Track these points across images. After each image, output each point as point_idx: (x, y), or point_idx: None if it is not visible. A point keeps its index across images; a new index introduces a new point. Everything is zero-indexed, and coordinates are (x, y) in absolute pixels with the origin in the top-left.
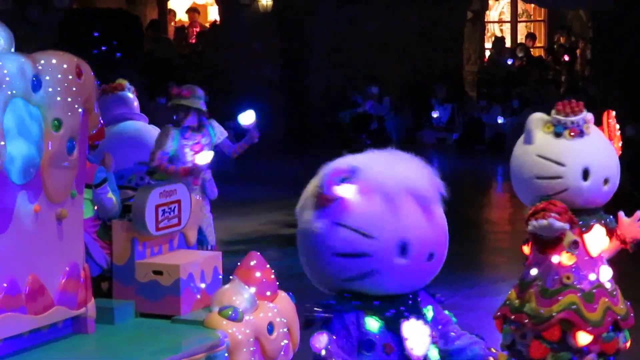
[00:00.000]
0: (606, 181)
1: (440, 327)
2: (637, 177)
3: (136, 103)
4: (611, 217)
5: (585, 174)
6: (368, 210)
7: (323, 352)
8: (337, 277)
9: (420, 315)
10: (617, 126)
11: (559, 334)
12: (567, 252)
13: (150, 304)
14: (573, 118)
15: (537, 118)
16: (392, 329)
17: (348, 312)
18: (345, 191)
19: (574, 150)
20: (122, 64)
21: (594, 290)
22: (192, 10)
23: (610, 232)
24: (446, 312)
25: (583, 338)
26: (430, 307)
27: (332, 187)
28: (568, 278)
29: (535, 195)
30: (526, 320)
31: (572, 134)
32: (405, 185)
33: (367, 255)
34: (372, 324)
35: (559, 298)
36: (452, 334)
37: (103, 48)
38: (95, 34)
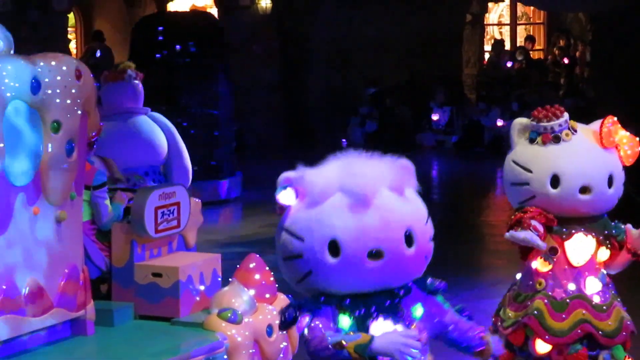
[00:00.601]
0: (585, 190)
1: (436, 320)
2: (637, 179)
3: (140, 87)
4: (622, 227)
5: (555, 181)
6: (298, 212)
7: (305, 331)
8: (291, 280)
9: (395, 316)
10: (624, 133)
11: (522, 339)
12: (542, 257)
13: (150, 306)
14: (546, 124)
15: (517, 124)
16: (361, 328)
17: (321, 310)
18: (285, 198)
19: (542, 156)
20: (199, 70)
21: (568, 300)
22: None
23: (619, 244)
24: (439, 298)
25: (541, 346)
26: (419, 305)
27: (276, 196)
28: (540, 284)
29: (514, 202)
30: (499, 324)
31: (544, 140)
32: (338, 184)
33: (300, 256)
34: (344, 321)
35: (528, 303)
36: (451, 327)
37: (164, 52)
38: (160, 38)
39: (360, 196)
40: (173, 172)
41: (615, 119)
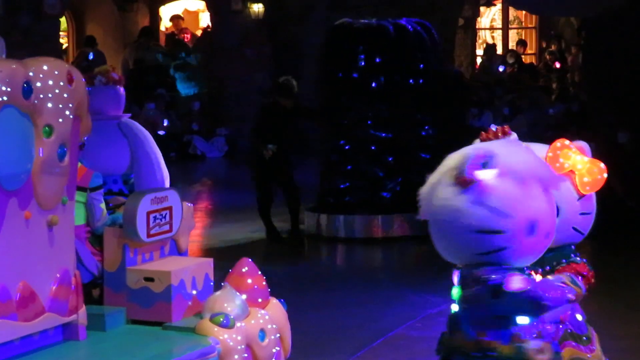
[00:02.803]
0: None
1: None
2: (629, 184)
3: (114, 93)
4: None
5: None
6: (504, 192)
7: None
8: (472, 252)
9: None
10: (581, 158)
11: None
12: None
13: (142, 311)
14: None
15: None
16: None
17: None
18: (486, 175)
19: None
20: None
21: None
22: (176, 18)
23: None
24: None
25: None
26: None
27: (474, 171)
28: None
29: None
30: None
31: None
32: (532, 170)
33: (501, 232)
34: None
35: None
36: None
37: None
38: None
39: (549, 184)
40: (141, 182)
41: (567, 142)
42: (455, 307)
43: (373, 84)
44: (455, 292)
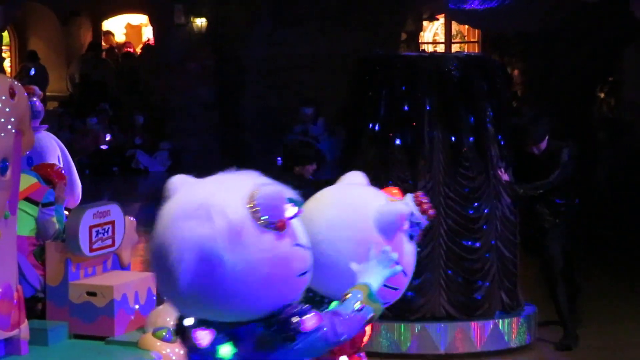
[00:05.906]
0: None
1: None
2: (605, 215)
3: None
4: None
5: None
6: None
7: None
8: (295, 297)
9: None
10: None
11: None
12: None
13: (84, 325)
14: None
15: None
16: None
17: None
18: (293, 211)
19: None
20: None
21: None
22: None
23: None
24: None
25: None
26: None
27: (285, 210)
28: None
29: None
30: None
31: None
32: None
33: (309, 270)
34: None
35: None
36: None
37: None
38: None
39: None
40: None
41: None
42: None
43: (397, 141)
44: (227, 350)
